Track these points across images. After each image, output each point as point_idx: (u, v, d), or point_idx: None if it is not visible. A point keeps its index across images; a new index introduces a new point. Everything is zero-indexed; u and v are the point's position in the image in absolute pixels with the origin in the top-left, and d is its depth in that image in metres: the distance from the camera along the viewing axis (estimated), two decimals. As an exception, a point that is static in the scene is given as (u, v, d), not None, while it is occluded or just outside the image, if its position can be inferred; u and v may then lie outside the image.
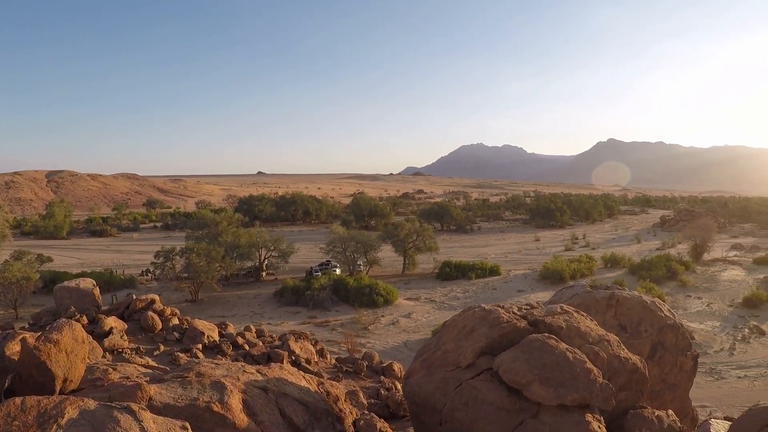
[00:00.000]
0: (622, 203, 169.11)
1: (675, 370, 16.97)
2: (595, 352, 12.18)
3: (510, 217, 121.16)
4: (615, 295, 17.43)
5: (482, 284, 48.71)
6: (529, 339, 11.60)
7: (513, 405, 10.68)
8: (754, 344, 33.28)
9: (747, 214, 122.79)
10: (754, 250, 72.47)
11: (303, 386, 11.90)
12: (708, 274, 53.72)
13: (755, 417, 9.89)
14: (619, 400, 12.28)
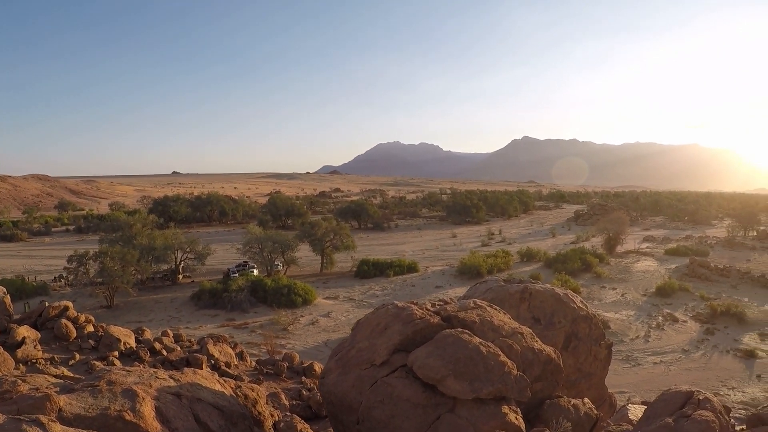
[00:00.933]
0: (537, 199, 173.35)
1: (590, 359, 17.49)
2: (509, 345, 12.43)
3: (427, 215, 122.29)
4: (528, 288, 17.84)
5: (400, 281, 48.86)
6: (442, 334, 11.74)
7: (429, 400, 10.85)
8: (668, 331, 34.69)
9: (658, 208, 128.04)
10: (666, 241, 75.59)
11: (218, 390, 11.79)
12: (622, 266, 55.58)
13: (667, 401, 10.15)
14: (534, 391, 12.59)
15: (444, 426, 10.58)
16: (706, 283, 47.82)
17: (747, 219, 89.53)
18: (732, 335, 33.93)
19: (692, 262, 53.63)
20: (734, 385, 26.66)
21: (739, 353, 30.83)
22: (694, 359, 30.01)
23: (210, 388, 11.58)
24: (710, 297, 41.85)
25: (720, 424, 9.31)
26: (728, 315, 36.80)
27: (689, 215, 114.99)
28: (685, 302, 41.04)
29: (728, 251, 68.21)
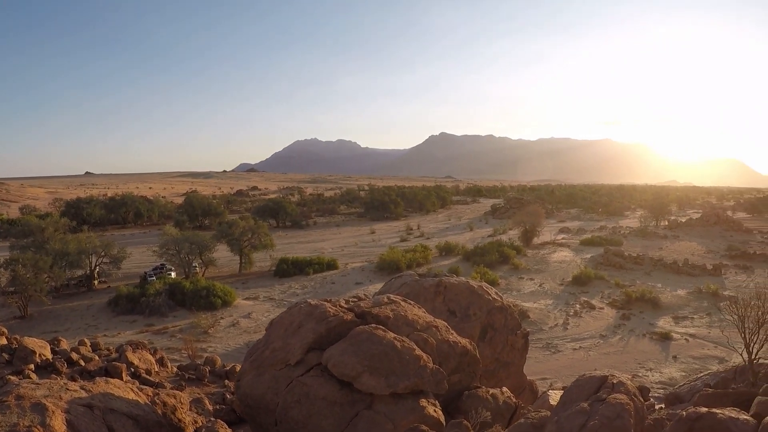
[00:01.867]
0: (454, 194, 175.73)
1: (507, 349, 17.77)
2: (424, 339, 12.45)
3: (345, 211, 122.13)
4: (443, 282, 17.97)
5: (320, 279, 48.49)
6: (356, 331, 11.69)
7: (346, 398, 10.77)
8: (586, 318, 35.49)
9: (573, 200, 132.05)
10: (581, 232, 77.75)
11: (132, 399, 11.26)
12: (539, 257, 56.73)
13: (582, 386, 10.27)
14: (452, 383, 12.66)
15: (362, 423, 10.47)
16: (620, 271, 49.30)
17: (658, 210, 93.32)
18: (647, 319, 35.03)
19: (607, 252, 55.25)
20: (652, 366, 27.44)
21: (655, 336, 31.79)
22: (612, 344, 30.77)
23: (124, 398, 11.07)
24: (625, 284, 43.13)
25: (634, 405, 9.43)
26: (643, 301, 37.97)
27: (603, 207, 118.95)
28: (601, 290, 42.18)
29: (641, 240, 70.69)
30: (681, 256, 56.54)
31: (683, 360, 28.29)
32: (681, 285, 44.22)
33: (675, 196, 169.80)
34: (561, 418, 9.43)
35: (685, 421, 11.99)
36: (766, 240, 72.95)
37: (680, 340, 31.39)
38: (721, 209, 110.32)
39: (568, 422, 9.17)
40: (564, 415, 9.48)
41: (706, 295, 40.25)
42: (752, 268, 52.78)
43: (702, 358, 28.49)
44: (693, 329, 33.41)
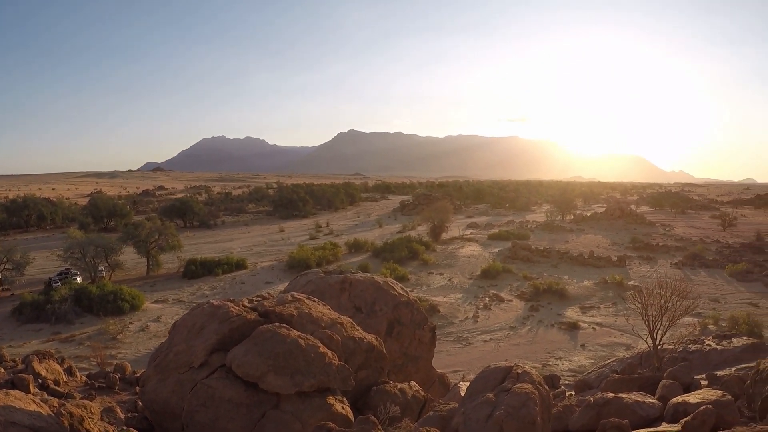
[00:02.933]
0: (363, 191, 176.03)
1: (415, 343, 17.86)
2: (329, 336, 12.35)
3: (254, 210, 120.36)
4: (348, 278, 17.91)
5: (230, 279, 47.51)
6: (259, 330, 11.49)
7: (252, 399, 10.53)
8: (495, 310, 36.03)
9: (480, 196, 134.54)
10: (488, 227, 79.21)
11: (34, 411, 10.49)
12: (447, 252, 57.36)
13: (488, 377, 10.30)
14: (360, 379, 12.59)
15: (269, 423, 10.26)
16: (528, 264, 50.39)
17: (564, 204, 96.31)
18: (555, 310, 35.87)
19: (514, 245, 56.39)
20: (561, 355, 28.09)
21: (563, 326, 32.60)
22: (521, 335, 31.35)
23: (25, 410, 10.19)
24: (533, 276, 44.09)
25: (539, 394, 9.49)
26: (550, 292, 38.88)
27: (510, 202, 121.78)
28: (510, 283, 42.95)
29: (547, 234, 72.66)
30: (587, 248, 58.33)
31: (591, 348, 29.12)
32: (587, 276, 45.58)
33: (580, 191, 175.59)
34: (468, 410, 9.42)
35: (593, 407, 12.20)
36: (668, 232, 76.36)
37: (588, 329, 32.31)
38: (624, 203, 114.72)
39: (474, 413, 9.18)
40: (470, 406, 9.48)
41: (611, 285, 41.61)
42: (655, 259, 55.02)
43: (609, 345, 29.41)
44: (600, 318, 34.47)
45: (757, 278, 45.57)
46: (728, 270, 48.06)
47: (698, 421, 10.53)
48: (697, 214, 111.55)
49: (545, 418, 9.49)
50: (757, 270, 47.94)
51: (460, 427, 9.31)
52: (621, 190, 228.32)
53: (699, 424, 10.50)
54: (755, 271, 47.46)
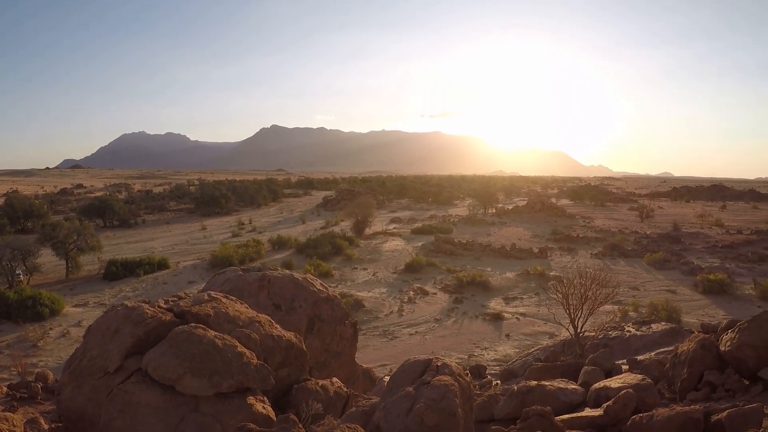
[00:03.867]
0: (286, 187, 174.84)
1: (336, 339, 17.80)
2: (247, 335, 12.16)
3: (175, 207, 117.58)
4: (266, 275, 17.72)
5: (152, 280, 46.18)
6: (175, 332, 11.20)
7: (170, 403, 10.17)
8: (420, 303, 36.17)
9: (403, 191, 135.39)
10: (411, 221, 79.67)
11: None
12: (371, 247, 57.39)
13: (407, 371, 10.28)
14: (280, 378, 12.43)
15: (189, 427, 9.93)
16: (451, 257, 50.85)
17: (486, 198, 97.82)
18: (479, 302, 36.26)
19: (437, 239, 56.83)
20: (487, 345, 28.41)
21: (487, 317, 32.97)
22: (447, 327, 31.58)
23: None
24: (456, 269, 44.46)
25: (459, 385, 9.53)
26: (474, 284, 39.29)
27: (433, 197, 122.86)
28: (434, 276, 43.22)
29: (470, 227, 73.55)
30: (509, 241, 59.31)
31: (516, 337, 29.61)
32: (509, 268, 46.28)
33: (502, 185, 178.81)
34: (388, 404, 9.39)
35: (517, 395, 12.31)
36: (587, 224, 78.52)
37: (512, 319, 32.83)
38: (545, 197, 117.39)
39: (394, 407, 9.15)
40: (390, 400, 9.46)
41: (533, 276, 42.37)
42: (575, 249, 56.41)
43: (533, 334, 29.97)
44: (523, 308, 35.08)
45: (675, 266, 47.37)
46: (646, 259, 49.79)
47: (619, 405, 10.73)
48: (615, 206, 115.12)
49: (466, 409, 9.53)
50: (674, 258, 49.86)
51: (380, 421, 9.25)
52: (542, 183, 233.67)
53: (620, 408, 10.70)
54: (672, 260, 49.33)
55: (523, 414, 10.34)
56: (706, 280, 39.14)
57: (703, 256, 53.37)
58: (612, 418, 10.67)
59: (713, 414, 9.74)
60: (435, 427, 8.67)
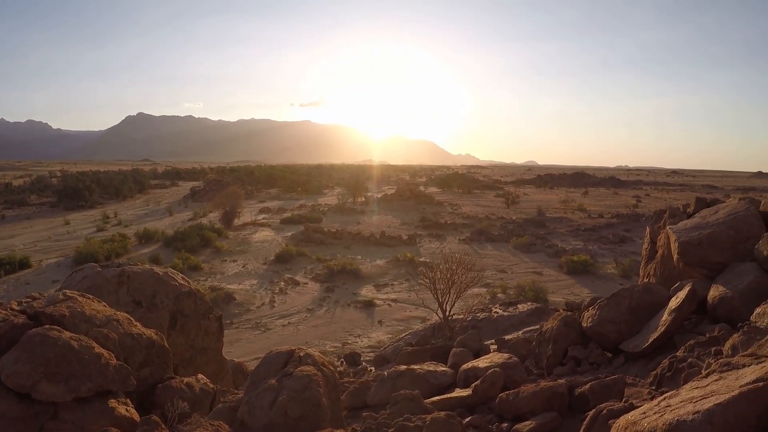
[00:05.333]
0: (152, 177, 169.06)
1: (201, 335, 17.36)
2: (105, 335, 11.60)
3: (36, 201, 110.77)
4: (125, 271, 17.01)
5: (13, 280, 43.21)
6: (28, 335, 10.46)
7: (27, 411, 9.43)
8: (291, 294, 35.90)
9: (272, 180, 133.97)
10: (281, 211, 78.96)
11: None
12: (241, 238, 56.47)
13: (270, 363, 10.14)
14: (143, 377, 11.94)
15: None
16: (321, 246, 50.79)
17: (355, 187, 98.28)
18: (351, 290, 36.41)
19: (307, 229, 56.66)
20: (360, 332, 28.57)
21: (359, 305, 33.18)
22: (319, 316, 31.50)
23: None
24: (327, 258, 44.43)
25: (323, 375, 9.49)
26: (345, 272, 39.42)
27: (302, 186, 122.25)
28: (304, 266, 43.02)
29: (340, 216, 73.77)
30: (378, 229, 59.84)
31: (388, 323, 29.99)
32: (380, 255, 46.81)
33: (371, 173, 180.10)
34: (251, 398, 9.21)
35: (388, 380, 12.38)
36: (455, 211, 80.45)
37: (383, 305, 33.24)
38: (414, 185, 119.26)
39: (258, 401, 8.99)
40: (254, 394, 9.29)
41: (403, 262, 42.99)
42: (444, 236, 57.82)
43: (405, 320, 30.46)
44: (394, 295, 35.56)
45: (540, 249, 49.57)
46: (513, 243, 51.75)
47: (487, 384, 10.97)
48: (482, 193, 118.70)
49: (333, 398, 9.48)
50: (539, 242, 52.24)
51: (245, 416, 9.06)
52: (410, 172, 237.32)
53: (488, 386, 10.94)
54: (537, 243, 51.67)
55: (392, 399, 10.40)
56: (570, 261, 41.13)
57: (566, 239, 56.02)
58: (481, 397, 10.91)
59: (577, 387, 10.11)
60: (299, 419, 8.56)
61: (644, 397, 9.14)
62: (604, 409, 7.64)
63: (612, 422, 6.02)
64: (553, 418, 9.45)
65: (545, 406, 9.74)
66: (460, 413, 10.50)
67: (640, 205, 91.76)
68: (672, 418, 4.95)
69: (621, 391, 9.65)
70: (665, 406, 5.44)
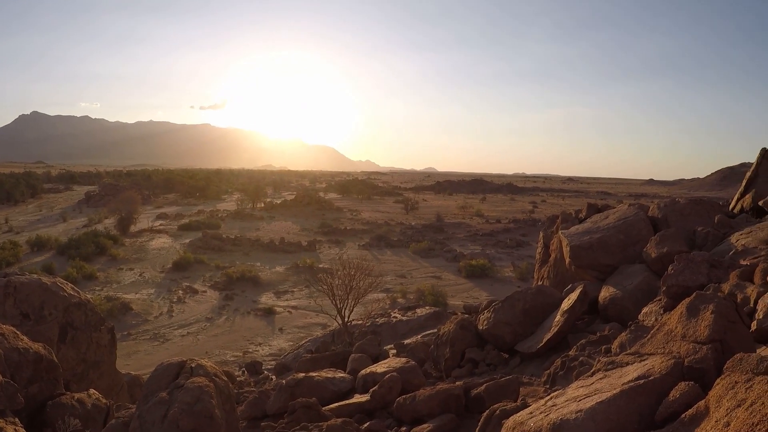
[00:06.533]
0: (46, 181, 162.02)
1: (93, 348, 16.78)
2: None
3: None
4: (12, 281, 16.29)
5: None
6: None
7: None
8: (190, 303, 35.13)
9: (170, 185, 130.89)
10: (179, 217, 77.27)
11: None
12: (137, 245, 54.89)
13: (160, 376, 9.93)
14: (32, 395, 11.47)
15: None
16: (220, 253, 49.99)
17: (254, 193, 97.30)
18: (250, 297, 35.99)
19: (205, 235, 55.70)
20: (261, 341, 28.27)
21: (259, 312, 32.84)
22: (219, 325, 30.95)
23: None
24: (225, 265, 43.69)
25: (216, 385, 9.39)
26: (244, 280, 38.95)
27: (201, 192, 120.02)
28: (203, 273, 42.19)
29: (239, 222, 72.85)
30: (277, 235, 59.47)
31: (289, 331, 29.85)
32: (279, 262, 46.51)
33: (271, 179, 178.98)
34: (143, 412, 8.98)
35: (286, 389, 12.32)
36: (355, 217, 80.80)
37: (284, 312, 33.08)
38: (314, 191, 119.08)
39: (150, 415, 8.77)
40: (145, 408, 9.07)
41: (303, 269, 42.82)
42: (344, 242, 57.98)
43: (306, 326, 30.38)
44: (294, 301, 35.47)
45: (439, 254, 50.52)
46: (412, 248, 52.45)
47: (385, 388, 11.10)
48: (382, 199, 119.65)
49: (227, 409, 9.36)
50: (438, 247, 53.22)
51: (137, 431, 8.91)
52: (310, 178, 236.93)
53: (386, 391, 11.07)
54: (436, 248, 52.66)
55: (290, 407, 10.39)
56: (469, 265, 42.03)
57: (465, 244, 57.21)
58: (379, 402, 11.03)
59: (473, 388, 10.37)
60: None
61: (540, 395, 9.44)
62: (497, 410, 7.85)
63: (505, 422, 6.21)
64: (450, 419, 9.66)
65: (442, 408, 9.94)
66: (360, 419, 10.59)
67: (536, 211, 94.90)
68: (556, 418, 5.14)
69: (516, 391, 9.95)
70: (551, 406, 5.65)
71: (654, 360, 5.77)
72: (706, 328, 5.82)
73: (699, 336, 5.83)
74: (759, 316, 8.03)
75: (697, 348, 5.69)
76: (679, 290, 10.74)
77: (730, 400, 4.41)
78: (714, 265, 11.32)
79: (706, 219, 15.70)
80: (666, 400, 5.04)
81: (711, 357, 5.50)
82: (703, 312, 6.05)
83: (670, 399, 5.00)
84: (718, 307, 6.01)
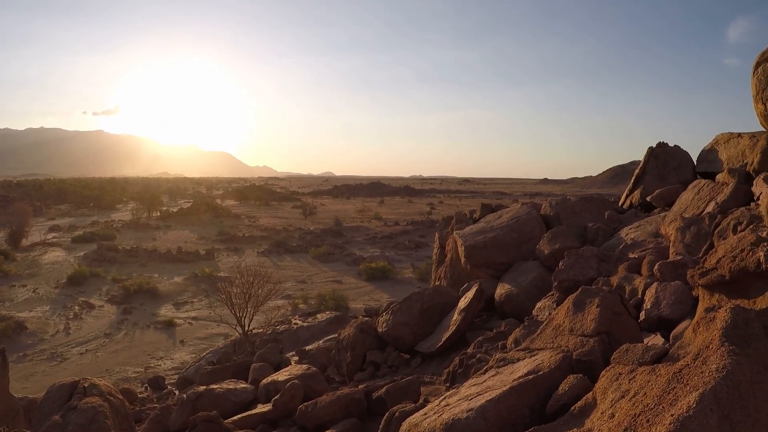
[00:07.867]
0: None
1: None
2: None
3: None
4: None
5: None
6: None
7: None
8: (87, 319, 33.76)
9: (63, 195, 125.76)
10: (73, 229, 74.25)
11: None
12: (29, 260, 52.38)
13: (53, 397, 9.53)
14: None
15: None
16: (116, 265, 48.35)
17: (150, 201, 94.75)
18: (149, 310, 34.89)
19: (100, 247, 53.80)
20: (162, 354, 27.42)
21: (159, 325, 31.88)
22: (118, 340, 29.80)
23: None
24: (122, 278, 42.26)
25: (110, 404, 9.11)
26: (142, 292, 37.79)
27: (95, 201, 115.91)
28: (99, 287, 40.62)
29: (135, 232, 70.70)
30: (174, 244, 58.11)
31: (191, 343, 29.09)
32: (177, 272, 45.41)
33: (167, 187, 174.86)
34: (36, 438, 8.66)
35: (187, 403, 12.04)
36: (253, 223, 79.87)
37: (184, 324, 32.22)
38: (210, 198, 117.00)
39: None
40: None
41: (202, 278, 41.99)
42: (242, 249, 57.22)
43: (208, 338, 29.69)
44: (194, 312, 34.65)
45: (338, 258, 50.58)
46: (311, 253, 52.31)
47: (287, 397, 11.00)
48: (280, 205, 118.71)
49: (124, 428, 9.08)
50: (337, 251, 53.27)
51: (28, 459, 8.50)
52: (207, 185, 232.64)
53: (288, 399, 10.98)
54: (336, 252, 52.69)
55: (191, 422, 10.14)
56: (369, 268, 42.26)
57: (364, 247, 57.48)
58: (282, 411, 10.91)
59: (374, 391, 10.39)
60: (88, 455, 8.15)
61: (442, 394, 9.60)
62: (397, 411, 7.88)
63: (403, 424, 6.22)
64: (353, 424, 9.66)
65: (344, 413, 9.92)
66: (263, 429, 10.45)
67: (434, 212, 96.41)
68: (448, 417, 5.18)
69: (417, 391, 10.03)
70: (444, 405, 5.69)
71: (543, 355, 5.92)
72: (593, 321, 6.03)
73: (586, 329, 6.02)
74: (647, 306, 8.44)
75: (585, 341, 5.87)
76: (569, 284, 11.12)
77: (614, 392, 4.55)
78: (603, 259, 11.81)
79: (597, 215, 16.39)
80: (555, 393, 5.15)
81: (598, 349, 5.68)
82: (589, 306, 6.27)
83: (560, 392, 5.11)
84: (603, 300, 6.24)
